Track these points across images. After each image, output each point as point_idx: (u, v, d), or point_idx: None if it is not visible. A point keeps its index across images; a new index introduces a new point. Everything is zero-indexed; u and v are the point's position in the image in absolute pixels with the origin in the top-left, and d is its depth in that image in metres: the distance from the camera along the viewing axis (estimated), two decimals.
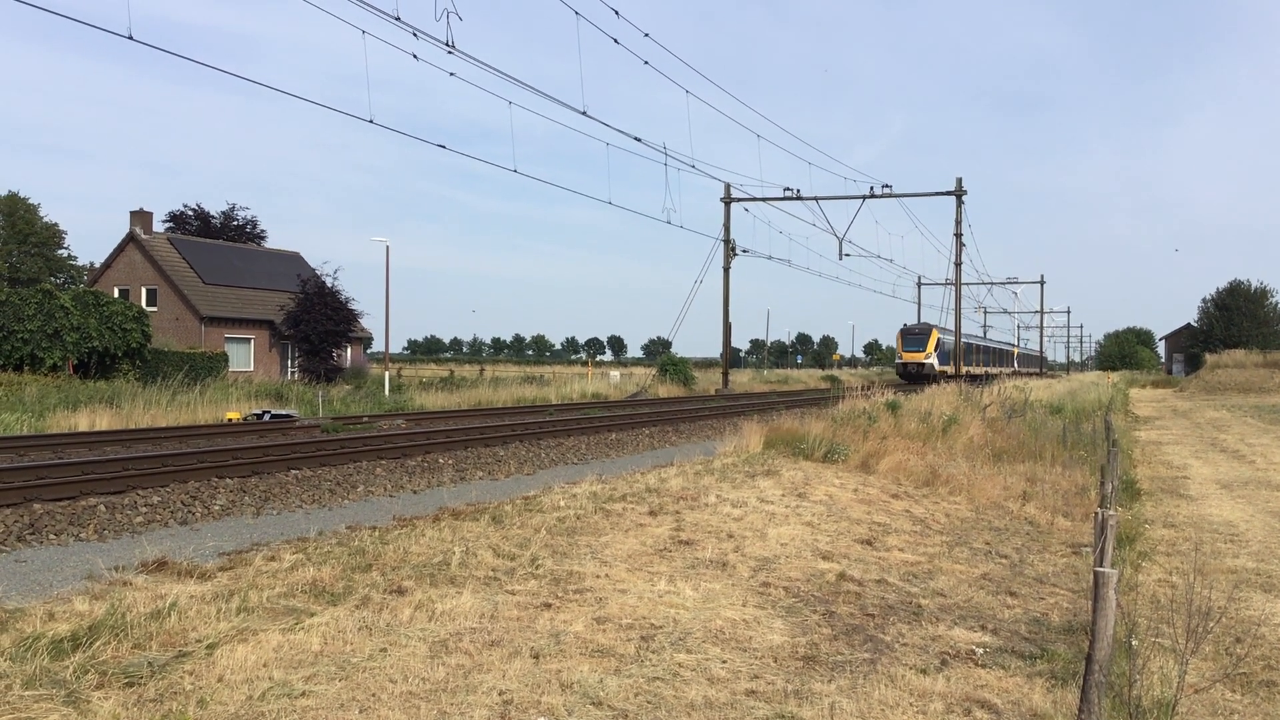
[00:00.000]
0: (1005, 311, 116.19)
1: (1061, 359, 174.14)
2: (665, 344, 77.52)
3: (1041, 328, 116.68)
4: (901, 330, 70.80)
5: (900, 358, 69.35)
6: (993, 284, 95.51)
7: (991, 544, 12.80)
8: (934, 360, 67.23)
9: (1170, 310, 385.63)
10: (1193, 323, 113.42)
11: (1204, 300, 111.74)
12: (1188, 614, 7.15)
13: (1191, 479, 20.94)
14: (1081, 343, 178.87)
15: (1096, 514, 7.44)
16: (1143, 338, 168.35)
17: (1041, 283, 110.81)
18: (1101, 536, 7.21)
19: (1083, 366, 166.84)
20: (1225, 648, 8.62)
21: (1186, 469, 22.86)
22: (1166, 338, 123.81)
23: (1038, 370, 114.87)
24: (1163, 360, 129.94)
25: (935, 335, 68.81)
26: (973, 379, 61.71)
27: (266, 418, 25.99)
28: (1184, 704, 6.70)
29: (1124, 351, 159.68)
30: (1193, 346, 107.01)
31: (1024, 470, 18.88)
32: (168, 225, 65.99)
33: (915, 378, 64.95)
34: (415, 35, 18.08)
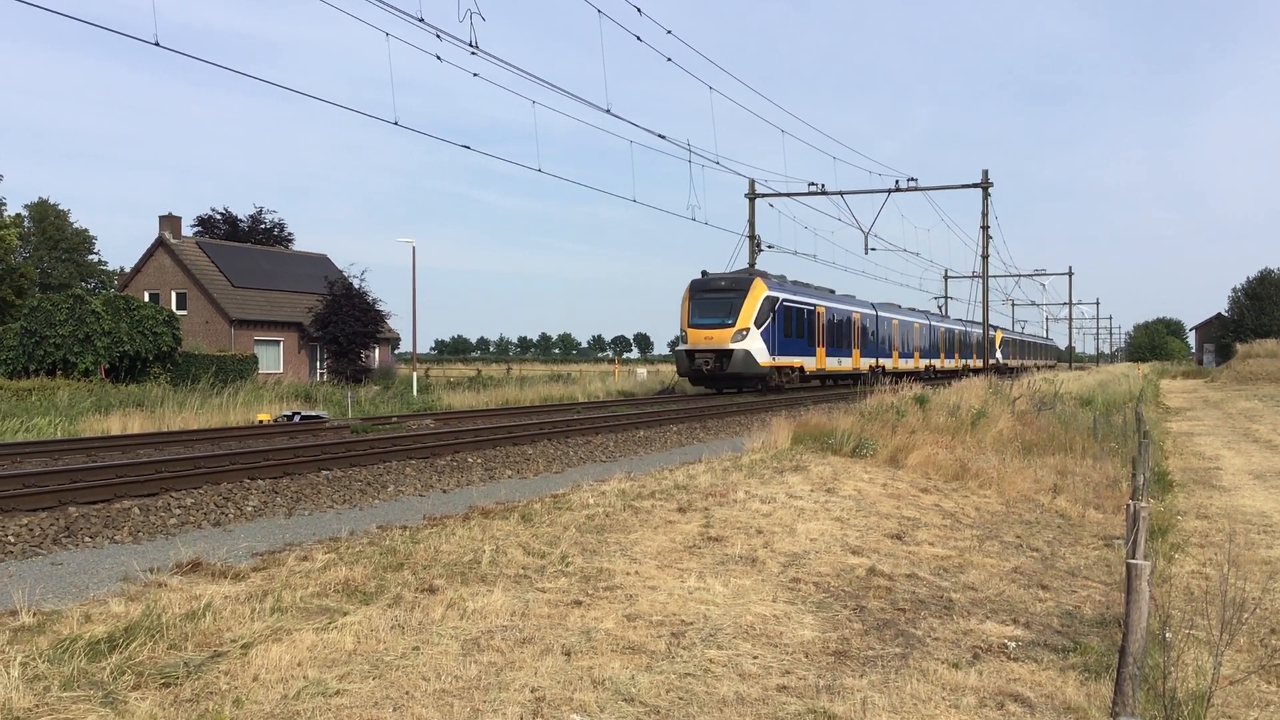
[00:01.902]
0: (1033, 304, 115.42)
1: (1091, 350, 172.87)
2: None
3: (1070, 319, 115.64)
4: (691, 285, 37.31)
5: (685, 340, 36.60)
6: (1020, 276, 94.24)
7: (1022, 537, 12.74)
8: (752, 346, 35.24)
9: (1200, 300, 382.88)
10: (1223, 312, 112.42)
11: (1234, 290, 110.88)
12: (1222, 605, 7.10)
13: (1224, 470, 20.76)
14: (1111, 334, 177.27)
15: (1128, 506, 7.39)
16: (1173, 328, 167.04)
17: (1070, 274, 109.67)
18: (1134, 528, 7.17)
19: (1112, 358, 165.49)
20: (1260, 639, 8.55)
21: (1219, 460, 22.66)
22: (1197, 328, 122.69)
23: (1052, 362, 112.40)
24: (1193, 351, 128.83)
25: (759, 293, 35.94)
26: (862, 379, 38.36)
27: (297, 419, 26.15)
28: (1219, 696, 6.65)
29: (1154, 342, 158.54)
30: (1223, 336, 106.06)
31: (1054, 463, 18.77)
32: (196, 229, 66.52)
33: (715, 380, 36.50)
34: (439, 37, 18.14)
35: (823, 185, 47.31)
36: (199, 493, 12.77)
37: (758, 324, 35.57)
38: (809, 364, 40.58)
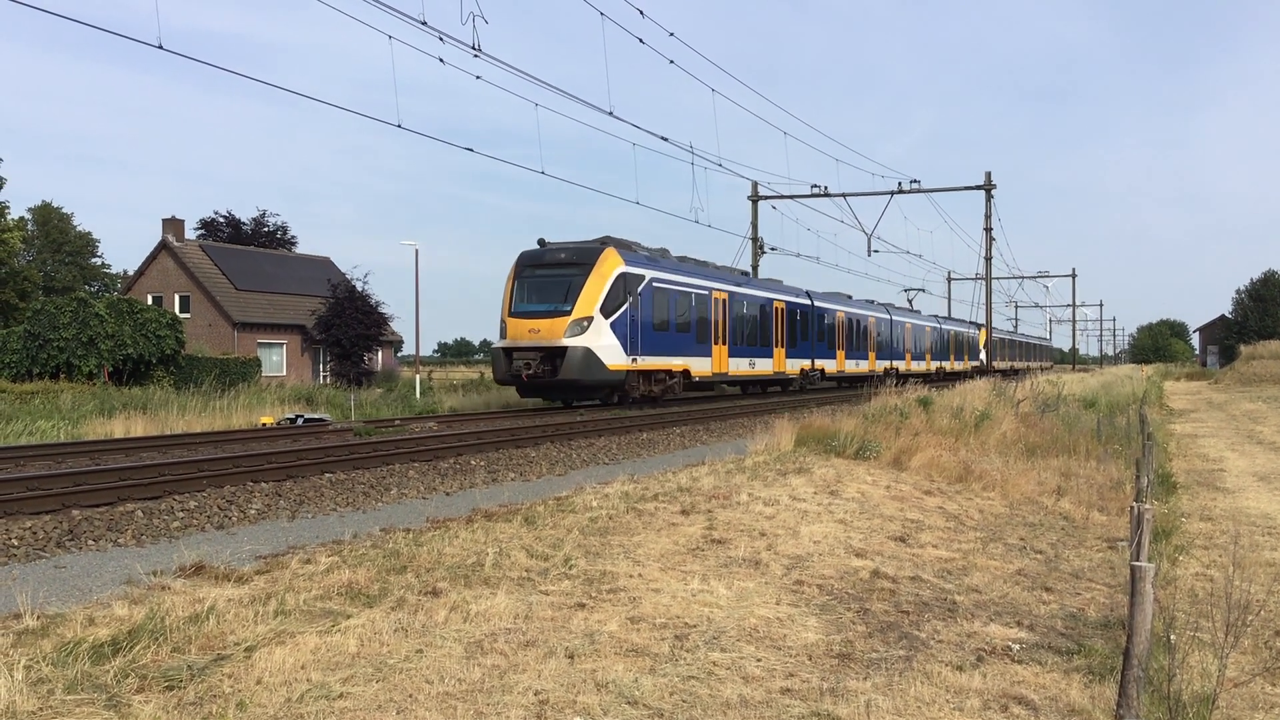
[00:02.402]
0: (1037, 305, 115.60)
1: (1095, 352, 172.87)
2: None
3: (1074, 321, 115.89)
4: (519, 259, 28.42)
5: (504, 334, 27.64)
6: (1023, 278, 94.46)
7: (1026, 540, 12.72)
8: (596, 341, 26.58)
9: (1204, 302, 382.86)
10: (1227, 314, 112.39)
11: (1238, 291, 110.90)
12: (1226, 607, 7.09)
13: (1228, 471, 20.73)
14: (1115, 336, 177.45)
15: (1132, 508, 7.39)
16: (1176, 330, 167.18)
17: (1073, 276, 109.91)
18: (1137, 530, 7.16)
19: (1116, 360, 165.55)
20: (1265, 641, 8.53)
21: (1222, 461, 22.63)
22: (1200, 329, 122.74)
23: (1048, 364, 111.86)
24: (1197, 352, 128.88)
25: (609, 269, 27.31)
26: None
27: (300, 422, 26.17)
28: (1224, 698, 6.63)
29: (1157, 344, 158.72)
30: (1227, 338, 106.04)
31: (1058, 465, 18.74)
32: (199, 232, 66.63)
33: (543, 389, 27.90)
34: (441, 39, 18.19)
35: (825, 187, 47.33)
36: (202, 495, 12.77)
37: (606, 311, 26.78)
38: (698, 366, 31.43)
